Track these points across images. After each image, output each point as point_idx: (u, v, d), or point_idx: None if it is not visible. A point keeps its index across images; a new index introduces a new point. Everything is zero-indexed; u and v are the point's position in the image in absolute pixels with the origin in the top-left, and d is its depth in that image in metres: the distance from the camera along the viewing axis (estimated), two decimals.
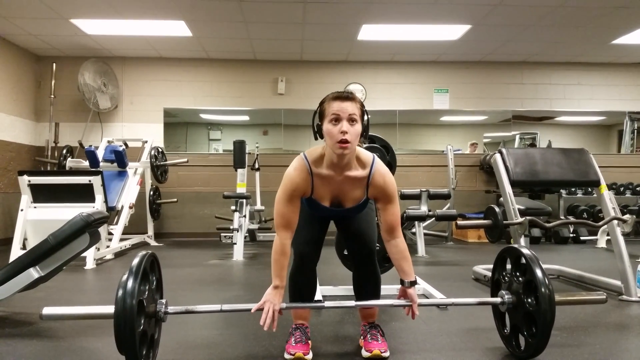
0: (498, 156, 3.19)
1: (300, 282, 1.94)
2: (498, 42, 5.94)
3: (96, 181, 4.17)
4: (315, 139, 1.82)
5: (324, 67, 6.72)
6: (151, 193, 5.84)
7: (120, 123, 6.57)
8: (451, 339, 2.12)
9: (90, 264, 4.03)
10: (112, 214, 4.90)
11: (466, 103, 6.85)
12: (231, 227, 4.70)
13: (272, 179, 6.15)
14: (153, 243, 5.79)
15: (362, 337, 1.96)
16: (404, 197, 4.82)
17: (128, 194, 5.12)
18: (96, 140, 6.23)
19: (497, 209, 3.01)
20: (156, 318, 1.74)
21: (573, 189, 6.59)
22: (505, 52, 6.38)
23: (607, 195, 3.08)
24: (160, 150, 5.82)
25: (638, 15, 5.02)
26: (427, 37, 5.77)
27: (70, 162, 5.41)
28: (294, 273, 1.94)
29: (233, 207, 4.75)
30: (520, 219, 2.93)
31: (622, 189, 6.54)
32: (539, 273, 1.75)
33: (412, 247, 5.01)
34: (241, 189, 4.94)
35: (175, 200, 6.12)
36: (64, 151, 5.64)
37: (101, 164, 5.25)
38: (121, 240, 4.91)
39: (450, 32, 5.58)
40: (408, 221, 4.89)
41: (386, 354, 1.84)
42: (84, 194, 4.16)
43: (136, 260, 1.66)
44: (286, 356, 1.83)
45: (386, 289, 2.72)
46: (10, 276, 2.25)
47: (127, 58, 6.56)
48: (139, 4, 4.73)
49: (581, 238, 5.96)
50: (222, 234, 5.09)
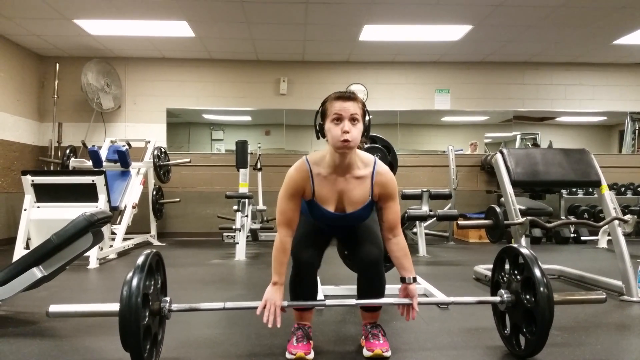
0: (499, 156, 3.20)
1: (300, 291, 1.89)
2: (499, 42, 5.95)
3: (99, 181, 4.19)
4: (318, 138, 1.85)
5: (325, 68, 6.73)
6: (154, 193, 5.86)
7: (123, 123, 6.59)
8: (452, 338, 2.13)
9: (93, 264, 4.05)
10: (115, 213, 4.92)
11: (467, 103, 6.85)
12: (233, 227, 4.72)
13: (274, 179, 6.17)
14: (156, 243, 5.82)
15: (363, 337, 1.97)
16: (405, 197, 4.83)
17: (131, 194, 5.14)
18: (99, 140, 6.25)
19: (498, 209, 3.02)
20: (160, 315, 1.76)
21: (574, 189, 6.59)
22: (506, 53, 6.38)
23: (608, 196, 3.08)
24: (163, 150, 5.83)
25: (639, 15, 5.02)
26: (428, 38, 5.77)
27: (73, 162, 5.43)
28: (294, 280, 1.90)
29: (235, 207, 4.76)
30: (521, 219, 2.94)
31: (623, 189, 6.54)
32: (537, 272, 1.76)
33: (413, 247, 5.02)
34: (243, 189, 4.95)
35: (178, 200, 6.15)
36: (67, 151, 5.66)
37: (104, 163, 5.27)
38: (124, 239, 4.93)
39: (452, 32, 5.59)
40: (409, 221, 4.90)
41: (387, 354, 1.85)
42: (87, 193, 4.18)
43: (141, 258, 1.68)
44: (288, 356, 1.84)
45: (387, 288, 2.74)
46: (14, 275, 2.26)
47: (130, 58, 6.58)
48: (141, 4, 4.75)
49: (582, 238, 5.96)
50: (224, 234, 5.11)
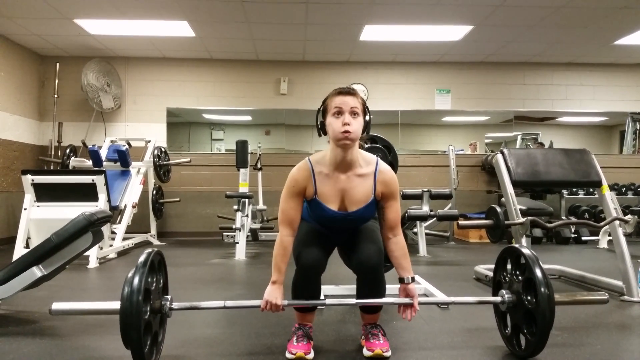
0: (500, 156, 3.20)
1: (303, 295, 1.86)
2: (500, 42, 5.94)
3: (99, 180, 4.19)
4: (319, 135, 1.86)
5: (326, 68, 6.73)
6: (154, 192, 5.86)
7: (124, 123, 6.59)
8: (452, 338, 2.13)
9: (93, 263, 4.05)
10: (115, 213, 4.91)
11: (468, 103, 6.85)
12: (233, 227, 4.72)
13: (274, 178, 6.17)
14: (156, 242, 5.81)
15: (363, 337, 1.97)
16: (405, 197, 4.83)
17: (131, 193, 5.14)
18: (99, 139, 6.25)
19: (498, 209, 3.01)
20: (161, 314, 1.77)
21: (575, 190, 6.58)
22: (507, 53, 6.37)
23: (609, 196, 3.08)
24: (163, 149, 5.83)
25: None
26: (429, 38, 5.77)
27: (73, 162, 5.43)
28: (296, 283, 1.86)
29: (235, 207, 4.76)
30: (522, 219, 2.94)
31: (623, 189, 6.53)
32: (538, 272, 1.76)
33: (413, 247, 5.02)
34: (243, 189, 4.95)
35: (178, 199, 6.14)
36: (67, 150, 5.66)
37: (104, 163, 5.27)
38: (124, 239, 4.93)
39: (453, 32, 5.58)
40: (410, 221, 4.89)
41: (388, 354, 1.85)
42: (87, 193, 4.18)
43: (143, 256, 1.69)
44: (287, 355, 1.84)
45: (387, 288, 2.73)
46: (14, 275, 2.26)
47: (131, 58, 6.58)
48: (142, 4, 4.75)
49: (583, 238, 5.95)
50: (224, 234, 5.10)
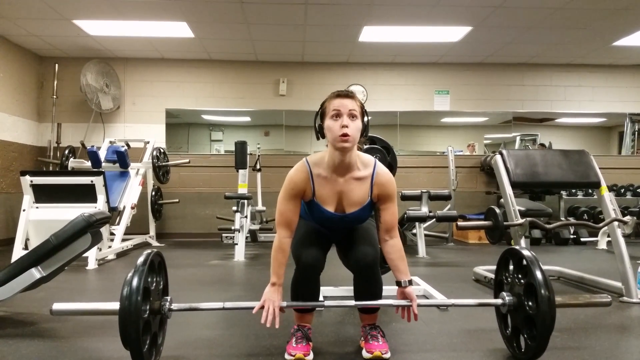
0: (498, 157, 3.20)
1: (302, 292, 1.88)
2: (499, 43, 5.95)
3: (98, 181, 4.19)
4: (317, 138, 1.86)
5: (325, 69, 6.73)
6: (153, 193, 5.86)
7: (123, 124, 6.59)
8: (452, 339, 2.13)
9: (92, 264, 4.04)
10: (114, 214, 4.91)
11: (467, 104, 6.86)
12: (232, 228, 4.71)
13: (273, 179, 6.17)
14: (155, 243, 5.81)
15: (362, 338, 1.97)
16: (404, 198, 4.83)
17: (130, 195, 5.14)
18: (98, 140, 6.25)
19: (497, 210, 3.02)
20: (161, 314, 1.78)
21: (573, 191, 6.59)
22: (506, 54, 6.38)
23: (608, 197, 3.09)
24: (162, 150, 5.83)
25: (638, 17, 5.02)
26: (428, 39, 5.77)
27: (72, 163, 5.42)
28: (296, 282, 1.88)
29: (234, 208, 4.76)
30: (521, 220, 2.94)
31: (622, 190, 6.54)
32: (539, 277, 1.73)
33: (412, 248, 5.03)
34: (242, 190, 4.95)
35: (177, 200, 6.14)
36: (66, 151, 5.64)
37: (103, 164, 5.26)
38: (123, 240, 4.92)
39: (451, 33, 5.59)
40: (409, 222, 4.89)
41: (387, 355, 1.85)
42: (86, 194, 4.17)
43: (142, 257, 1.70)
44: (287, 357, 1.84)
45: (386, 289, 2.73)
46: (12, 276, 2.26)
47: (130, 59, 6.57)
48: (141, 5, 4.75)
49: (582, 239, 5.95)
50: (223, 235, 5.10)
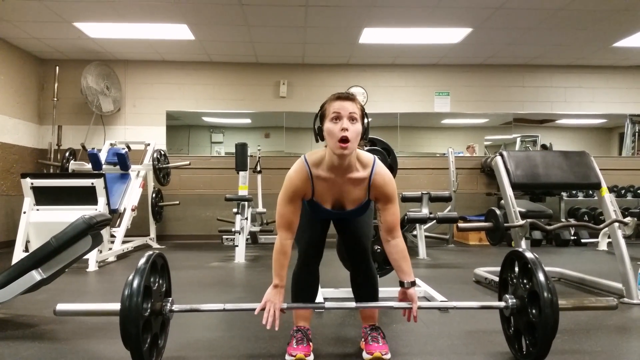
0: (499, 159, 3.20)
1: (303, 281, 1.97)
2: (499, 45, 5.95)
3: (99, 184, 4.19)
4: (317, 141, 1.84)
5: (325, 70, 6.74)
6: (153, 195, 5.86)
7: (123, 126, 6.60)
8: (452, 341, 2.13)
9: (92, 267, 4.04)
10: (114, 216, 4.91)
11: (467, 106, 6.86)
12: (233, 230, 4.71)
13: (273, 181, 6.16)
14: (155, 245, 5.81)
15: (363, 340, 1.97)
16: (405, 199, 4.83)
17: (130, 197, 5.13)
18: (99, 143, 6.25)
19: (498, 212, 3.01)
20: (162, 315, 1.79)
21: (574, 192, 6.58)
22: (506, 55, 6.38)
23: (608, 198, 3.08)
24: (162, 152, 5.84)
25: (639, 18, 5.03)
26: (428, 41, 5.78)
27: (73, 165, 5.43)
28: (297, 272, 1.97)
29: (235, 210, 4.76)
30: (522, 222, 2.94)
31: (623, 191, 6.53)
32: (543, 282, 1.71)
33: (413, 250, 5.02)
34: (243, 192, 4.95)
35: (178, 202, 6.14)
36: (67, 154, 5.65)
37: (104, 166, 5.25)
38: (123, 242, 4.92)
39: (452, 35, 5.59)
40: (409, 223, 4.89)
41: (387, 356, 1.85)
42: (86, 196, 4.17)
43: (144, 258, 1.72)
44: (287, 358, 1.84)
45: (387, 291, 2.73)
46: (13, 278, 2.26)
47: (130, 61, 6.58)
48: (142, 7, 4.75)
49: (582, 240, 5.95)
50: (223, 237, 5.11)
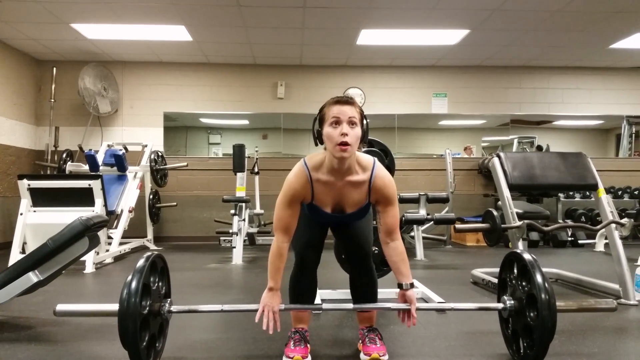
0: (496, 160, 3.21)
1: (300, 285, 1.96)
2: (496, 46, 5.97)
3: (96, 185, 4.18)
4: (316, 144, 1.84)
5: (323, 72, 6.74)
6: (151, 197, 5.85)
7: (120, 127, 6.58)
8: (450, 342, 2.13)
9: (89, 268, 4.03)
10: (111, 217, 4.90)
11: (465, 107, 6.87)
12: (230, 231, 4.71)
13: (271, 182, 6.17)
14: (152, 247, 5.79)
15: (360, 341, 1.96)
16: (402, 200, 4.83)
17: (128, 198, 5.13)
18: (96, 144, 6.24)
19: (495, 213, 3.02)
20: (160, 316, 1.80)
21: (571, 193, 6.60)
22: (503, 57, 6.40)
23: (605, 199, 3.09)
24: (160, 154, 5.82)
25: (636, 20, 5.05)
26: (425, 42, 5.79)
27: (70, 166, 5.42)
28: (294, 276, 1.96)
29: (232, 211, 4.76)
30: (519, 223, 2.95)
31: (620, 192, 6.55)
32: (541, 283, 1.71)
33: (410, 251, 5.02)
34: (240, 193, 4.95)
35: (175, 204, 6.13)
36: (64, 155, 5.64)
37: (101, 167, 5.25)
38: (120, 244, 4.91)
39: (449, 36, 5.60)
40: (407, 225, 4.89)
41: (384, 358, 1.85)
42: (83, 197, 4.17)
43: (143, 259, 1.73)
44: (284, 359, 1.83)
45: (385, 292, 2.73)
46: (9, 280, 2.25)
47: (128, 62, 6.57)
48: (139, 8, 4.75)
49: (579, 241, 5.96)
50: (221, 238, 5.10)
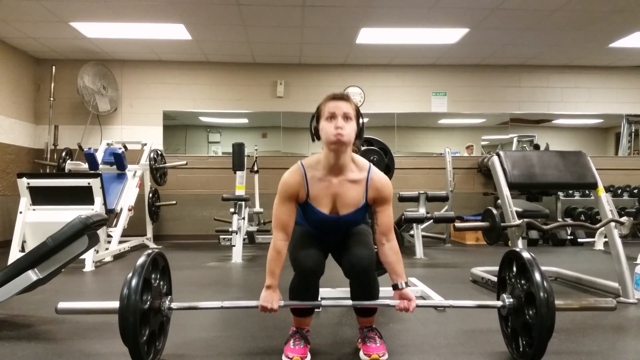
0: (496, 159, 3.21)
1: (302, 299, 1.86)
2: (496, 45, 5.97)
3: (95, 183, 4.18)
4: (313, 140, 1.87)
5: (322, 70, 6.74)
6: (150, 195, 5.85)
7: (120, 126, 6.58)
8: (449, 341, 2.13)
9: (89, 267, 4.03)
10: (111, 216, 4.90)
11: (464, 106, 6.87)
12: (230, 230, 4.71)
13: (270, 181, 6.16)
14: (152, 245, 5.79)
15: (360, 340, 1.96)
16: (402, 199, 4.84)
17: (127, 197, 5.13)
18: (95, 142, 6.23)
19: (494, 211, 3.02)
20: (161, 312, 1.81)
21: (570, 192, 6.60)
22: (503, 56, 6.40)
23: (605, 198, 3.09)
24: (159, 152, 5.82)
25: (635, 18, 5.05)
26: (425, 41, 5.78)
27: (69, 165, 5.42)
28: (295, 289, 1.86)
29: (232, 210, 4.75)
30: (518, 221, 2.95)
31: (619, 191, 6.56)
32: (540, 282, 1.71)
33: (410, 249, 5.03)
34: (240, 192, 4.95)
35: (174, 202, 6.13)
36: (63, 154, 5.64)
37: (100, 166, 5.25)
38: (120, 242, 4.91)
39: (448, 35, 5.60)
40: (406, 223, 4.90)
41: (384, 358, 1.85)
42: (83, 196, 4.16)
43: (144, 256, 1.75)
44: (284, 358, 1.84)
45: (383, 290, 2.73)
46: (9, 278, 2.25)
47: (127, 61, 6.57)
48: (138, 7, 4.74)
49: (579, 240, 5.96)
50: (220, 236, 5.10)
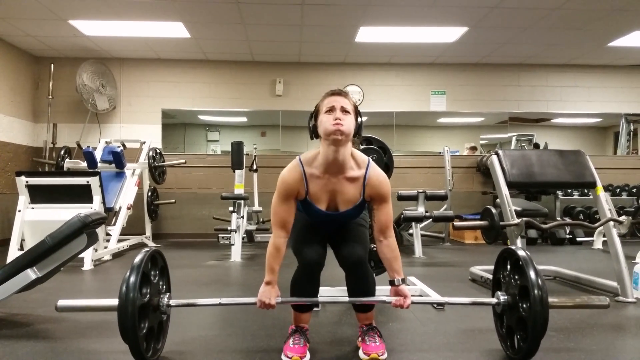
0: (495, 158, 3.21)
1: (304, 291, 1.88)
2: (495, 44, 5.97)
3: (94, 182, 4.17)
4: (311, 138, 1.87)
5: (321, 69, 6.73)
6: (149, 194, 5.84)
7: (118, 124, 6.57)
8: (448, 339, 2.13)
9: (88, 265, 4.03)
10: (110, 214, 4.90)
11: (463, 105, 6.87)
12: (229, 228, 4.71)
13: (269, 180, 6.16)
14: (151, 244, 5.79)
15: (359, 339, 1.97)
16: (401, 198, 4.84)
17: (126, 195, 5.12)
18: (94, 141, 6.22)
19: (493, 210, 3.03)
20: (160, 309, 1.82)
21: (569, 191, 6.61)
22: (502, 54, 6.40)
23: (603, 197, 3.10)
24: (158, 151, 5.81)
25: (634, 18, 5.05)
26: (424, 40, 5.78)
27: (68, 163, 5.40)
28: (297, 281, 1.89)
29: (231, 208, 4.75)
30: (517, 220, 2.95)
31: (618, 190, 6.56)
32: (533, 278, 1.72)
33: (409, 248, 5.03)
34: (239, 190, 4.95)
35: (173, 201, 6.12)
36: (62, 152, 5.62)
37: (99, 164, 5.24)
38: (119, 241, 4.91)
39: (448, 34, 5.60)
40: (405, 222, 4.90)
41: (384, 357, 1.84)
42: (81, 194, 4.16)
43: (142, 254, 1.75)
44: (283, 358, 1.83)
45: (381, 289, 2.74)
46: (8, 277, 2.25)
47: (126, 59, 6.56)
48: (137, 5, 4.73)
49: (577, 239, 5.97)
50: (219, 235, 5.09)
